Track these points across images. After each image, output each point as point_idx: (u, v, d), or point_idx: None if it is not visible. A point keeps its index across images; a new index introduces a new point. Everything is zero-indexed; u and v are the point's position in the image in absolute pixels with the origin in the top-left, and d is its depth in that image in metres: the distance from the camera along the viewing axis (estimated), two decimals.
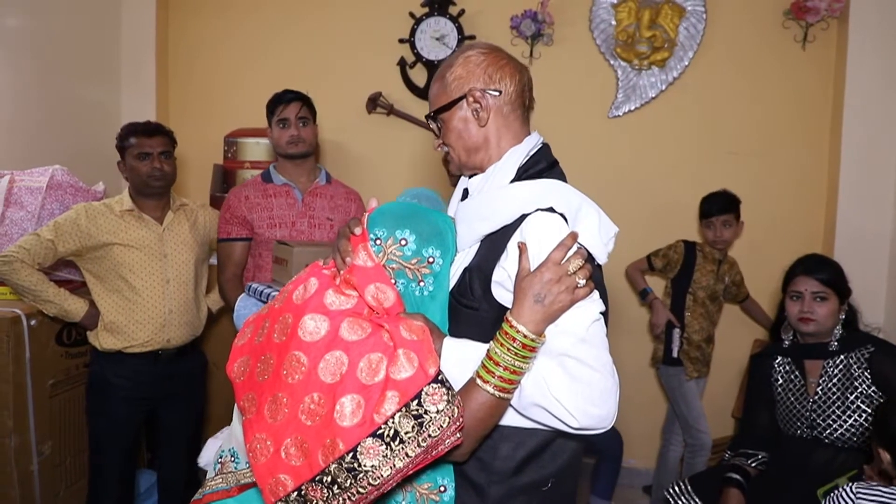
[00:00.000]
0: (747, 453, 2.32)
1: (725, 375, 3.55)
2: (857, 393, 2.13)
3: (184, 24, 3.89)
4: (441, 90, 1.33)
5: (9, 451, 2.38)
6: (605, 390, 1.09)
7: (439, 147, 1.36)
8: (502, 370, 1.08)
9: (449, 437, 1.04)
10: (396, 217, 1.21)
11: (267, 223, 2.57)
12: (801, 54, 3.44)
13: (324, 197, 2.67)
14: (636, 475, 3.68)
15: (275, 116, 2.62)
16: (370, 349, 1.08)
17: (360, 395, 1.05)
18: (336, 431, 1.04)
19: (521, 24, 3.50)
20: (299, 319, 1.14)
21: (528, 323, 1.09)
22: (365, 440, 1.02)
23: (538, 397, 1.09)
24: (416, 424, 1.02)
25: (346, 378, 1.07)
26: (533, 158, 1.29)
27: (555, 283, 1.10)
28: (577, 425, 1.09)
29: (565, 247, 1.13)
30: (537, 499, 1.22)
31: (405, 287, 1.20)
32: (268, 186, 2.63)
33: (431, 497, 1.18)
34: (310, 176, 2.69)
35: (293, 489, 1.06)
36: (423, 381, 1.04)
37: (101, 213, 2.45)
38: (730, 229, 3.17)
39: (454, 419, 1.04)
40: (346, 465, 1.02)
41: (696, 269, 3.21)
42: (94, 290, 2.49)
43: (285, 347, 1.14)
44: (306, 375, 1.09)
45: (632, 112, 3.61)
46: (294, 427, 1.08)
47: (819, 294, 2.23)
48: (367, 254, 1.19)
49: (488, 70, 1.29)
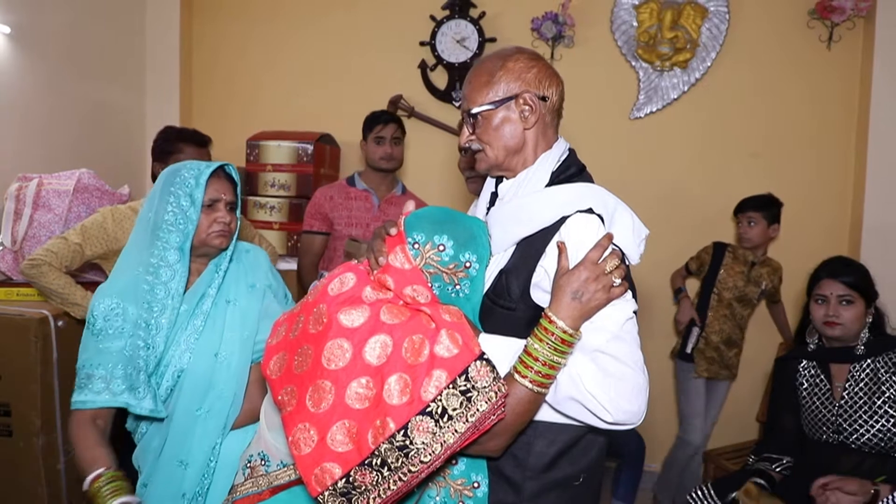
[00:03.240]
0: (771, 458, 2.29)
1: (750, 379, 3.51)
2: (885, 398, 2.09)
3: (206, 29, 3.93)
4: (486, 86, 1.32)
5: (37, 450, 2.42)
6: (636, 386, 1.13)
7: (468, 142, 1.36)
8: (540, 365, 1.11)
9: (495, 413, 1.07)
10: (434, 222, 1.23)
11: (345, 222, 2.91)
12: (827, 54, 3.40)
13: (398, 205, 2.99)
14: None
15: (372, 133, 2.95)
16: (412, 331, 1.10)
17: (407, 374, 1.07)
18: (387, 411, 1.05)
19: (542, 25, 3.50)
20: (338, 310, 1.15)
21: (566, 318, 1.12)
22: (414, 417, 1.04)
23: (573, 391, 1.12)
24: (464, 400, 1.04)
25: (391, 359, 1.09)
26: (564, 164, 1.33)
27: (592, 281, 1.14)
28: (611, 420, 1.12)
29: (602, 247, 1.17)
30: (570, 493, 1.26)
31: (440, 290, 1.22)
32: (350, 190, 2.99)
33: (465, 492, 1.21)
34: (389, 186, 3.05)
35: (341, 476, 1.07)
36: (470, 357, 1.07)
37: (128, 216, 2.47)
38: (754, 228, 3.16)
39: (500, 394, 1.06)
40: (397, 443, 1.04)
41: (723, 269, 3.22)
42: None
43: (323, 336, 1.14)
44: (351, 361, 1.10)
45: (653, 113, 3.59)
46: (341, 412, 1.09)
47: (845, 297, 2.19)
48: (404, 256, 1.20)
49: (539, 76, 1.32)
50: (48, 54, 3.09)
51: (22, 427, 2.42)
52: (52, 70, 3.12)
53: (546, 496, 1.23)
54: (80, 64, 3.31)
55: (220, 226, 1.61)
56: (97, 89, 3.44)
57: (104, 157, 3.39)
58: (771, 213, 3.17)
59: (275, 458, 1.34)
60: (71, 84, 3.24)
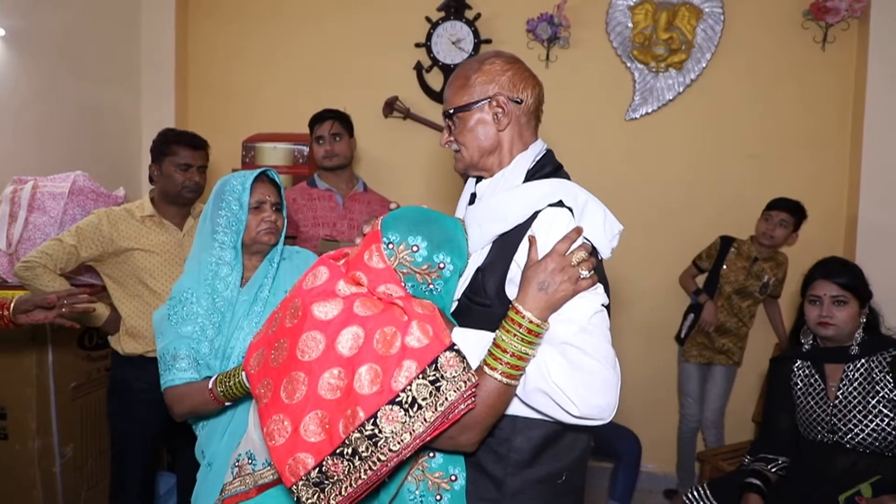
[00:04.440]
0: (767, 458, 2.30)
1: (746, 380, 3.52)
2: (879, 397, 2.10)
3: (202, 31, 3.93)
4: (462, 89, 1.36)
5: (32, 453, 2.42)
6: (605, 380, 1.13)
7: (447, 144, 1.41)
8: (509, 356, 1.12)
9: (464, 402, 1.07)
10: (410, 223, 1.25)
11: (311, 223, 2.90)
12: (821, 55, 3.41)
13: (362, 202, 3.00)
14: (655, 479, 3.66)
15: (313, 134, 2.98)
16: (384, 323, 1.12)
17: (378, 365, 1.08)
18: (357, 400, 1.07)
19: (537, 27, 3.50)
20: (312, 303, 1.17)
21: (533, 309, 1.14)
22: (384, 407, 1.06)
23: (541, 383, 1.13)
24: (433, 390, 1.06)
25: (363, 350, 1.10)
26: (539, 163, 1.35)
27: (558, 272, 1.15)
28: (578, 413, 1.12)
29: (570, 239, 1.18)
30: (552, 491, 1.26)
31: (414, 290, 1.23)
32: (312, 191, 2.98)
33: (443, 485, 1.22)
34: (349, 184, 3.04)
35: (314, 466, 1.08)
36: (440, 347, 1.08)
37: (123, 218, 2.47)
38: (784, 229, 3.22)
39: (469, 384, 1.07)
40: (366, 432, 1.05)
41: (726, 263, 3.32)
42: (115, 295, 2.50)
43: (298, 329, 1.16)
44: (324, 352, 1.12)
45: (649, 115, 3.59)
46: (314, 403, 1.11)
47: (838, 298, 2.20)
48: (379, 255, 1.22)
49: (513, 79, 1.34)
50: (43, 56, 3.09)
51: (17, 430, 2.42)
52: (48, 72, 3.12)
53: (528, 493, 1.24)
54: (76, 66, 3.31)
55: (268, 224, 1.81)
56: (92, 91, 3.44)
57: (99, 160, 3.38)
58: (798, 219, 3.25)
59: (261, 456, 1.37)
60: (66, 86, 3.24)
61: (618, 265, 3.09)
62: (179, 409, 1.65)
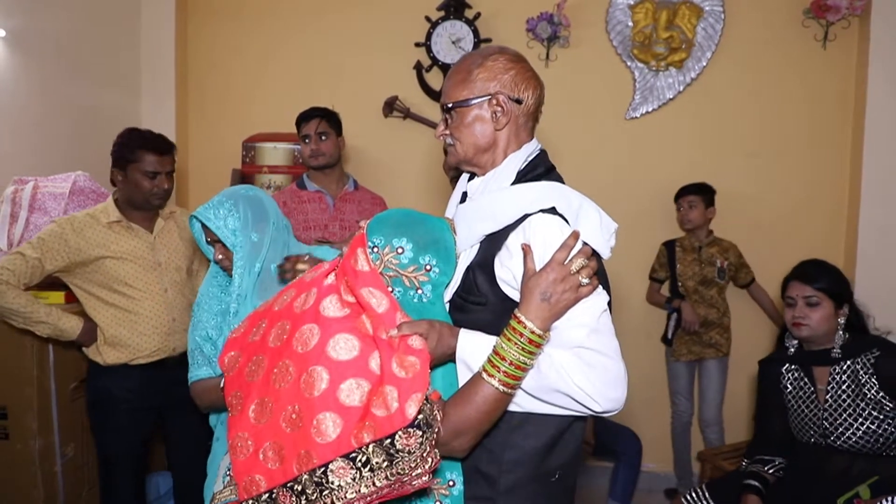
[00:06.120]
0: (764, 459, 2.30)
1: (744, 379, 3.51)
2: (867, 399, 2.09)
3: (202, 31, 3.93)
4: (462, 83, 1.33)
5: (33, 453, 2.43)
6: (618, 374, 1.18)
7: (441, 136, 1.39)
8: (507, 365, 1.13)
9: (417, 480, 1.05)
10: (395, 225, 1.25)
11: (302, 226, 2.82)
12: (822, 53, 3.40)
13: (353, 202, 2.94)
14: (655, 479, 3.66)
15: (299, 133, 2.90)
16: (354, 374, 1.10)
17: (340, 416, 1.07)
18: (311, 445, 1.07)
19: (537, 26, 3.50)
20: (296, 329, 1.17)
21: (536, 320, 1.14)
22: (337, 459, 1.06)
23: (562, 385, 1.15)
24: (387, 458, 1.04)
25: (325, 395, 1.09)
26: (531, 163, 1.34)
27: (560, 282, 1.16)
28: (600, 409, 1.16)
29: (568, 247, 1.18)
30: (545, 489, 1.27)
31: (402, 294, 1.23)
32: (302, 193, 2.90)
33: (441, 492, 1.22)
34: (339, 183, 2.96)
35: (265, 490, 1.12)
36: (401, 423, 1.05)
37: (88, 224, 2.34)
38: (694, 210, 3.33)
39: (425, 464, 1.05)
40: (315, 478, 1.07)
41: (678, 263, 3.41)
42: (89, 306, 2.39)
43: (279, 354, 1.17)
44: (292, 385, 1.13)
45: (649, 113, 3.59)
46: (274, 432, 1.12)
47: (811, 299, 2.21)
48: (364, 258, 1.21)
49: (516, 78, 1.32)
50: (43, 57, 3.09)
51: (18, 430, 2.43)
52: (48, 73, 3.12)
53: (521, 491, 1.24)
54: (76, 66, 3.31)
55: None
56: (92, 92, 3.44)
57: (99, 160, 3.36)
58: (708, 196, 3.36)
59: None
60: (66, 86, 3.24)
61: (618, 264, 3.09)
62: (200, 402, 1.76)
